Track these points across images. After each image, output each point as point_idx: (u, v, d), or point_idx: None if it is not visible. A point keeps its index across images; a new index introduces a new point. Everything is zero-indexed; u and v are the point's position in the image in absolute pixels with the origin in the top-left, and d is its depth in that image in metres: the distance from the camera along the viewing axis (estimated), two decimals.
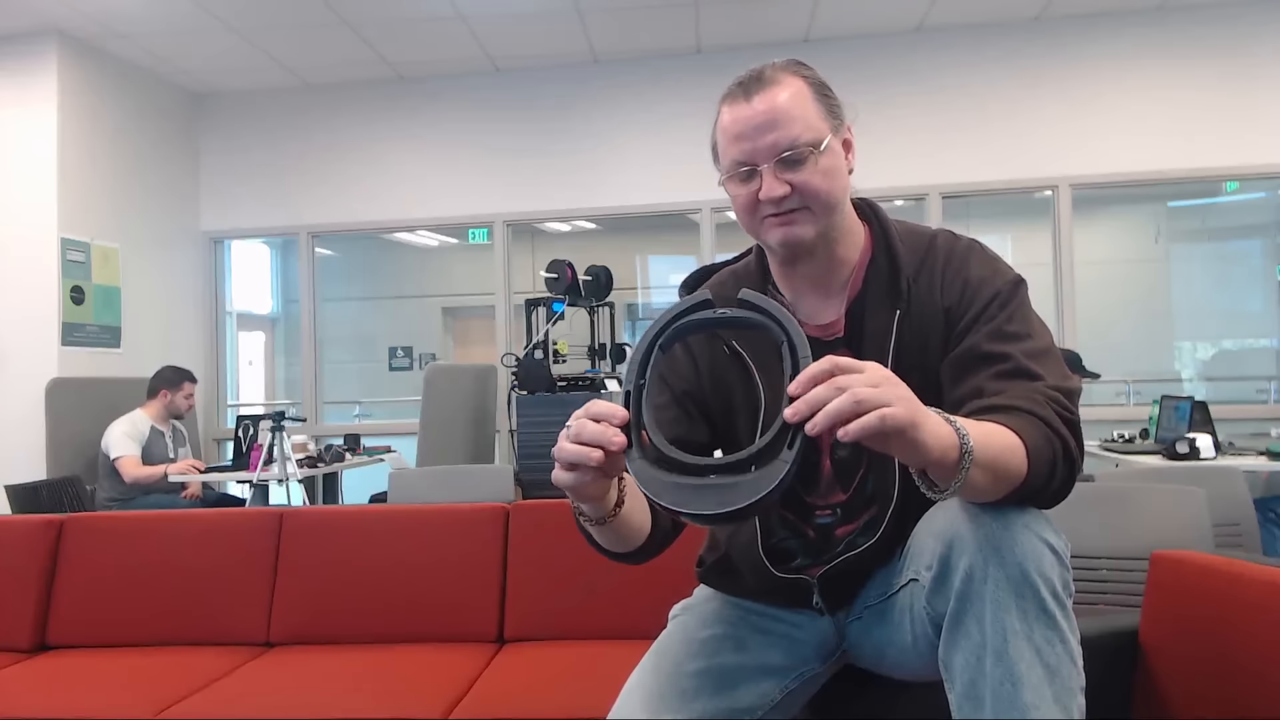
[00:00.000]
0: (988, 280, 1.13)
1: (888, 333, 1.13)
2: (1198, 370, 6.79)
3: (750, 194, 1.12)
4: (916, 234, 1.20)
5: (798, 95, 1.11)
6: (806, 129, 1.10)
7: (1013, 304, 1.11)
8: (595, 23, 4.86)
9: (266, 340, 8.25)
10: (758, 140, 1.10)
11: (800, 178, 1.09)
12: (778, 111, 1.09)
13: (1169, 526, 2.09)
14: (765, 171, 1.10)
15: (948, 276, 1.14)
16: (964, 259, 1.15)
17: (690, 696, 1.13)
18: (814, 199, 1.11)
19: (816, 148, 1.10)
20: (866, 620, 1.19)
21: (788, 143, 1.09)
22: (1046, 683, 0.92)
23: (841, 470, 1.18)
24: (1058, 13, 4.93)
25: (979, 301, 1.11)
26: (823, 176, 1.11)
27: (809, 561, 1.20)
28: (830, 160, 1.12)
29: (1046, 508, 1.01)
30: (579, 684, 1.93)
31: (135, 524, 2.56)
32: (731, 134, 1.12)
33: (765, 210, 1.12)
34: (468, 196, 5.53)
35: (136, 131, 5.24)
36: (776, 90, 1.11)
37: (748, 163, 1.11)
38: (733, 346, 1.20)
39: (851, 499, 1.18)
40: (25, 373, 4.49)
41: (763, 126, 1.09)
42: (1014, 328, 1.09)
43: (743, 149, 1.11)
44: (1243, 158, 4.86)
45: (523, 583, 2.33)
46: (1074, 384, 1.06)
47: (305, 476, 4.14)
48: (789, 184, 1.09)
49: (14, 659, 2.30)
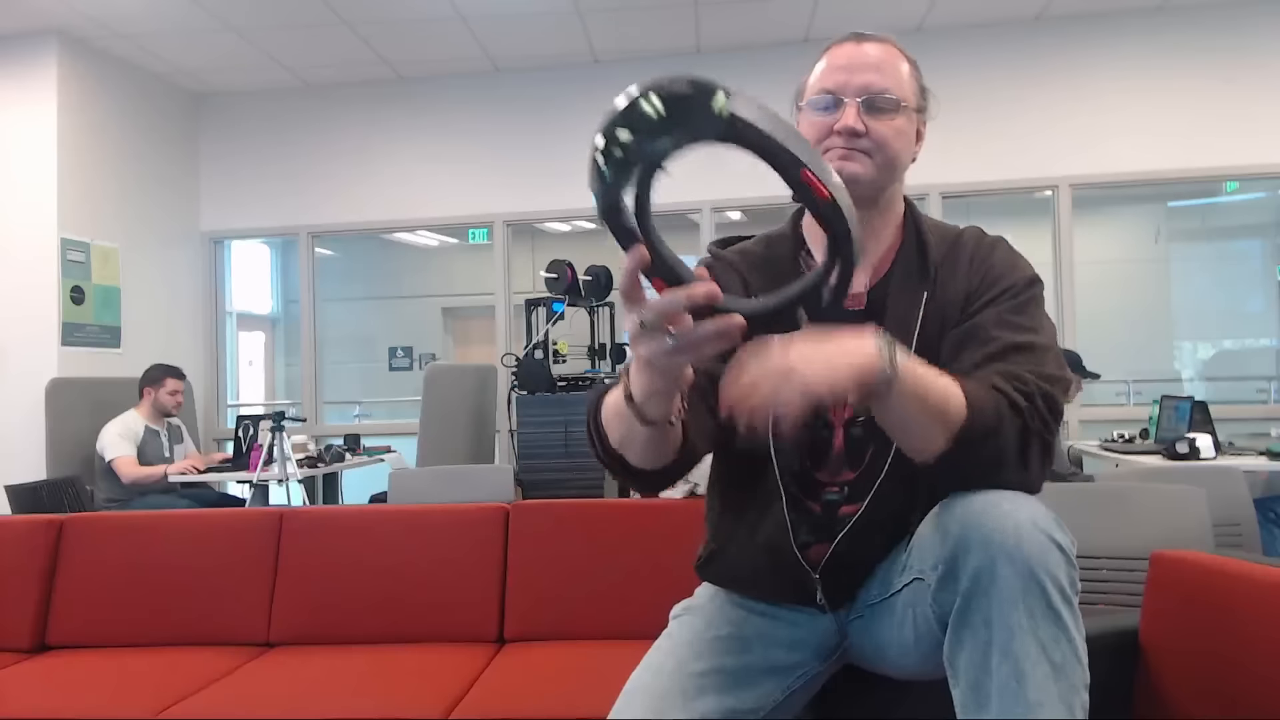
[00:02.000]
0: (1006, 272, 1.17)
1: (914, 314, 1.16)
2: (1198, 370, 6.79)
3: (825, 124, 1.16)
4: (946, 228, 1.25)
5: (901, 61, 1.19)
6: (900, 88, 1.17)
7: (1023, 297, 1.14)
8: (595, 23, 4.86)
9: (266, 340, 8.25)
10: (854, 75, 1.16)
11: (878, 124, 1.15)
12: (884, 60, 1.17)
13: (1169, 526, 2.09)
14: (850, 104, 1.15)
15: (973, 265, 1.18)
16: (989, 251, 1.20)
17: (692, 696, 1.13)
18: (882, 148, 1.15)
19: (903, 107, 1.16)
20: (868, 619, 1.19)
21: (881, 87, 1.15)
22: (1052, 680, 0.93)
23: (853, 447, 1.19)
24: (1058, 13, 4.94)
25: (994, 289, 1.15)
26: (895, 134, 1.16)
27: (812, 539, 1.20)
28: (906, 125, 1.18)
29: (1022, 486, 1.02)
30: (579, 684, 1.93)
31: (135, 524, 2.56)
32: (830, 65, 1.19)
33: (833, 143, 1.15)
34: (468, 196, 5.54)
35: (136, 131, 5.24)
36: (888, 48, 1.19)
37: (836, 92, 1.16)
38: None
39: (859, 478, 1.19)
40: (25, 373, 4.49)
41: (864, 66, 1.16)
42: (1017, 318, 1.12)
43: (836, 79, 1.17)
44: (1243, 158, 4.86)
45: (523, 583, 2.33)
46: (1063, 373, 1.08)
47: (305, 476, 4.14)
48: (865, 125, 1.14)
49: (14, 659, 2.30)
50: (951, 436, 0.99)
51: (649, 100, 0.79)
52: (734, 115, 0.82)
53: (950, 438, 0.99)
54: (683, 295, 0.84)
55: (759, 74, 5.45)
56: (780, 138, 0.84)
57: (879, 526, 1.17)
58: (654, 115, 0.79)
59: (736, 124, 0.82)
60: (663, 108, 0.79)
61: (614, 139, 0.80)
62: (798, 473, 1.20)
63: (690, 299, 0.84)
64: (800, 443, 1.19)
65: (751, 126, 0.83)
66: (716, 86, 0.81)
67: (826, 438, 1.19)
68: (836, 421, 1.19)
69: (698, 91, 0.81)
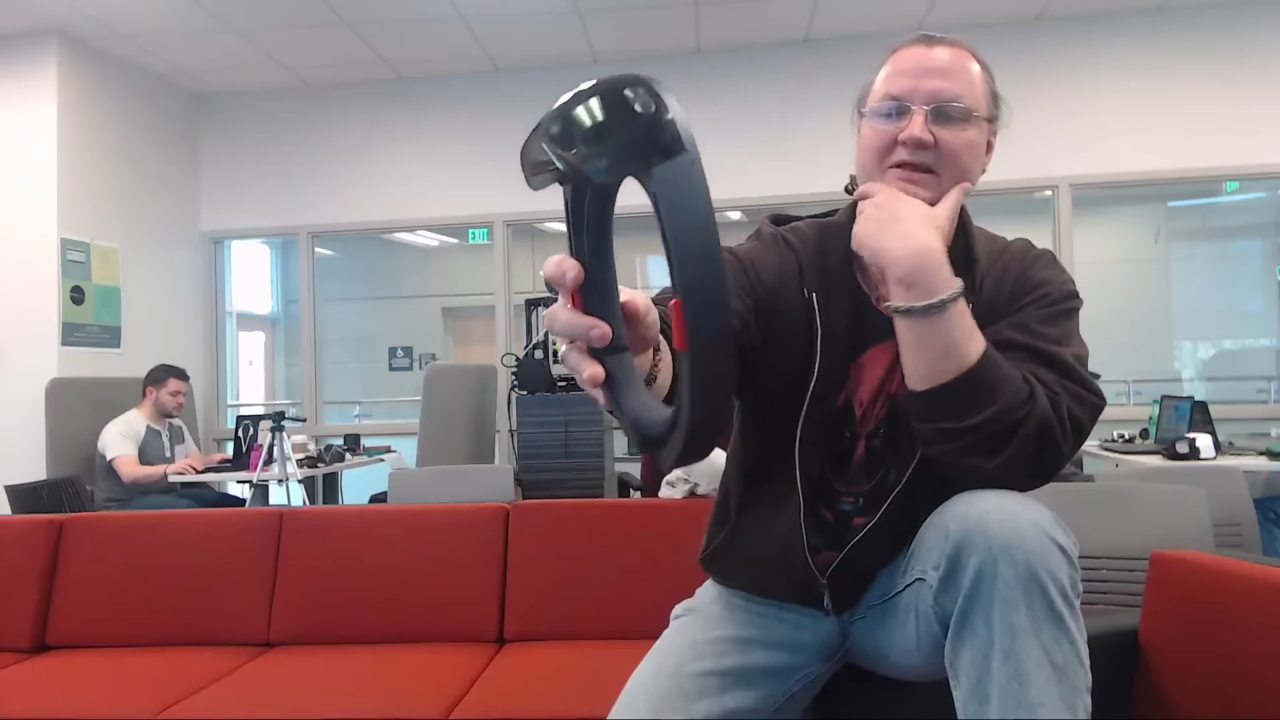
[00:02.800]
0: (1046, 282, 1.14)
1: None
2: (1198, 370, 6.79)
3: (889, 133, 1.10)
4: (995, 238, 1.22)
5: (973, 66, 1.12)
6: (972, 95, 1.10)
7: (1058, 308, 1.11)
8: (595, 23, 4.86)
9: (266, 340, 8.25)
10: (923, 81, 1.09)
11: (947, 134, 1.08)
12: (954, 64, 1.10)
13: (1169, 526, 2.09)
14: (917, 113, 1.08)
15: (1016, 272, 1.16)
16: (1033, 261, 1.17)
17: (693, 697, 1.13)
18: (949, 162, 1.09)
19: (974, 116, 1.10)
20: (870, 620, 1.19)
21: (951, 95, 1.08)
22: (1054, 682, 0.92)
23: (872, 458, 1.18)
24: (1058, 13, 4.94)
25: (1031, 296, 1.12)
26: (966, 146, 1.10)
27: (821, 545, 1.19)
28: (977, 137, 1.11)
29: (1024, 482, 1.02)
30: (579, 684, 1.93)
31: (135, 524, 2.56)
32: (898, 68, 1.11)
33: (897, 156, 1.09)
34: (468, 196, 5.53)
35: (136, 131, 5.24)
36: (960, 52, 1.12)
37: (903, 98, 1.09)
38: (812, 298, 1.16)
39: (874, 490, 1.18)
40: (25, 373, 4.49)
41: (935, 71, 1.09)
42: (1047, 329, 1.09)
43: (904, 85, 1.10)
44: (1243, 158, 4.86)
45: (523, 583, 2.33)
46: (1096, 395, 1.04)
47: (305, 477, 4.13)
48: (934, 136, 1.08)
49: (14, 659, 2.30)
50: (960, 372, 1.00)
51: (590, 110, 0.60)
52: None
53: (959, 373, 1.00)
54: (581, 327, 0.68)
55: (759, 74, 5.49)
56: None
57: (889, 538, 1.16)
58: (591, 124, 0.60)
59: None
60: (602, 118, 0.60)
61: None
62: (816, 480, 1.19)
63: (578, 330, 0.68)
64: (822, 450, 1.18)
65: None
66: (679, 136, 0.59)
67: (849, 447, 1.18)
68: (862, 432, 1.18)
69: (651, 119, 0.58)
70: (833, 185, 1.39)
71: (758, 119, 5.24)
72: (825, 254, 1.18)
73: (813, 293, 1.15)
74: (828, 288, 1.15)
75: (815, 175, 4.99)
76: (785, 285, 1.16)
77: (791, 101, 5.21)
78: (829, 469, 1.19)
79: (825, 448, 1.18)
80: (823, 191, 4.71)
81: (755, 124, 5.23)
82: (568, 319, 0.68)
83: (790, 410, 1.15)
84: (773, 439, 1.18)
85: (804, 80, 5.18)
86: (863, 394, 1.17)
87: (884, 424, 1.17)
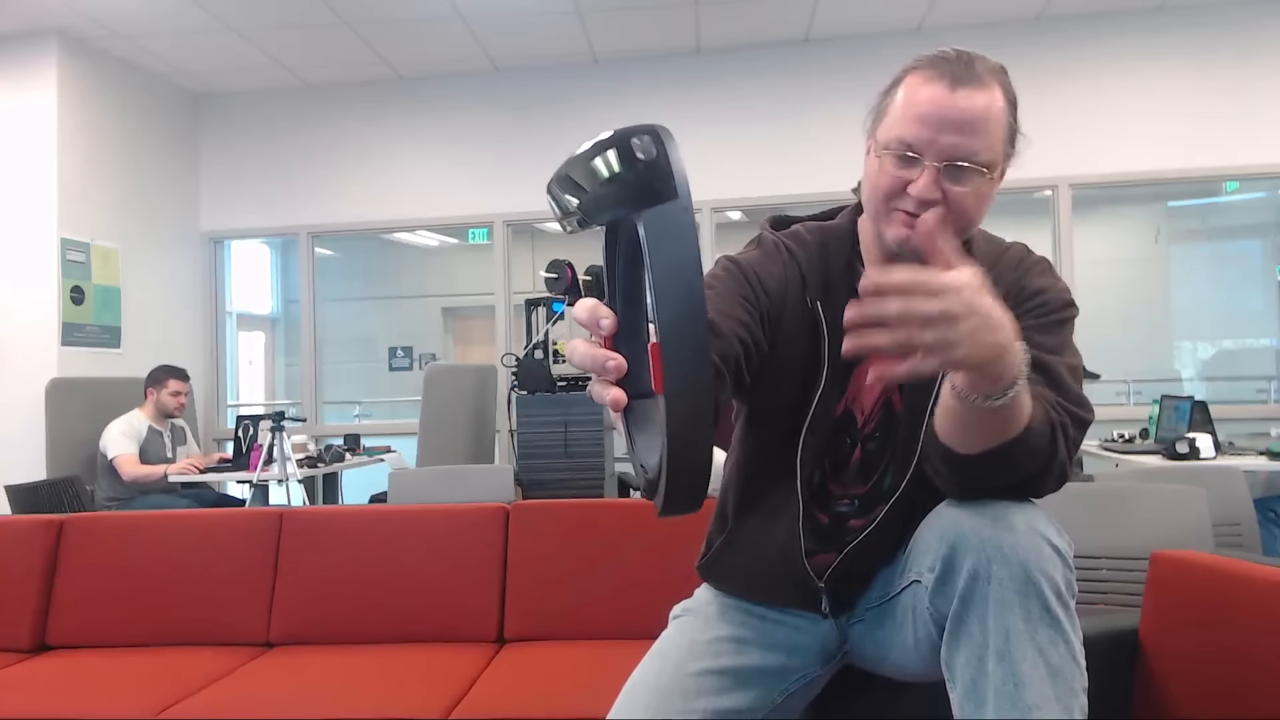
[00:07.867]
0: (1043, 290, 1.13)
1: None
2: (1198, 370, 6.79)
3: (898, 179, 1.06)
4: (994, 241, 1.21)
5: (996, 110, 1.05)
6: (988, 149, 1.05)
7: (1055, 316, 1.11)
8: (595, 23, 4.86)
9: (266, 340, 8.25)
10: (940, 134, 1.03)
11: (957, 191, 1.05)
12: (974, 117, 1.03)
13: (1169, 526, 2.09)
14: (929, 168, 1.04)
15: (1012, 279, 1.14)
16: (1030, 269, 1.17)
17: (691, 697, 1.13)
18: (957, 218, 1.06)
19: (988, 172, 1.05)
20: (868, 622, 1.19)
21: (966, 153, 1.03)
22: (1049, 683, 0.92)
23: (868, 461, 1.19)
24: (1058, 13, 4.94)
25: (1027, 304, 1.11)
26: (975, 200, 1.06)
27: (818, 548, 1.20)
28: (989, 189, 1.07)
29: (1022, 500, 1.01)
30: (579, 684, 1.93)
31: (135, 524, 2.56)
32: (915, 113, 1.05)
33: (903, 204, 1.06)
34: (468, 196, 5.53)
35: (136, 131, 5.24)
36: (982, 94, 1.04)
37: (916, 149, 1.04)
38: (816, 307, 1.14)
39: (869, 492, 1.19)
40: (25, 373, 4.49)
41: (952, 124, 1.03)
42: (1044, 338, 1.07)
43: (919, 135, 1.04)
44: (1242, 158, 4.86)
45: (523, 583, 2.33)
46: (1087, 411, 1.03)
47: (305, 477, 4.13)
48: (943, 192, 1.04)
49: (14, 659, 2.30)
50: (1011, 438, 0.94)
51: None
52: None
53: (1011, 438, 0.94)
54: (598, 359, 0.69)
55: (759, 74, 5.49)
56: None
57: (886, 540, 1.17)
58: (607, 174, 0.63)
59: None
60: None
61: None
62: (812, 482, 1.19)
63: (595, 363, 0.70)
64: (823, 456, 1.18)
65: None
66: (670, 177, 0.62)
67: (847, 450, 1.19)
68: (861, 436, 1.18)
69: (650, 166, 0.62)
70: (832, 185, 1.39)
71: (757, 119, 5.23)
72: (827, 261, 1.18)
73: (816, 301, 1.15)
74: (830, 295, 1.15)
75: (815, 175, 5.00)
76: (789, 294, 1.16)
77: (791, 101, 5.21)
78: (827, 472, 1.19)
79: (825, 454, 1.18)
80: (823, 191, 4.71)
81: (755, 124, 5.22)
82: (585, 350, 0.70)
83: (793, 419, 1.15)
84: (774, 446, 1.18)
85: (804, 80, 5.19)
86: (864, 401, 1.18)
87: (880, 427, 1.17)
